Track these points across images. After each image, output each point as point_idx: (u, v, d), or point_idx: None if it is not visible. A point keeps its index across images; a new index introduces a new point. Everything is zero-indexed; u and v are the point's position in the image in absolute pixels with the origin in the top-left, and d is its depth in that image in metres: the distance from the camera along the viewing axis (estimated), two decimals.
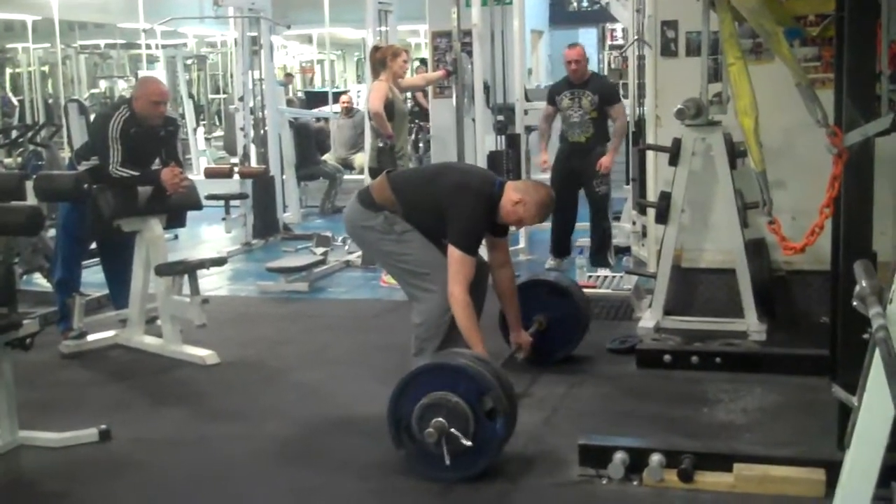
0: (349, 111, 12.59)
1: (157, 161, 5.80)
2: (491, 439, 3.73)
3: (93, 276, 6.79)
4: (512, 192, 4.52)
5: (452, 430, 3.64)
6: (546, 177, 7.53)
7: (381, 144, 7.08)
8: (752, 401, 4.58)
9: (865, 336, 2.34)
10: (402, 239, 4.54)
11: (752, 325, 5.47)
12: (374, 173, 7.09)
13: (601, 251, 7.35)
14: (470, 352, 4.09)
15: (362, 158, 12.26)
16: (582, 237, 7.82)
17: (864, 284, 2.26)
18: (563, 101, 7.37)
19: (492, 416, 3.70)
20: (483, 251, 4.73)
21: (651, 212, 6.01)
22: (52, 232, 6.63)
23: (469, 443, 3.65)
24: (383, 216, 4.54)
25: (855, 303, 2.27)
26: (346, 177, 12.05)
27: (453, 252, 4.36)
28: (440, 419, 3.65)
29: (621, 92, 8.49)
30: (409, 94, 11.85)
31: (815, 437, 3.97)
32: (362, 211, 4.63)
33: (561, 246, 7.54)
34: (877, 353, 2.19)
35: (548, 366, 5.13)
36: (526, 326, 4.98)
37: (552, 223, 7.44)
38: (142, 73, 14.72)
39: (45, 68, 18.66)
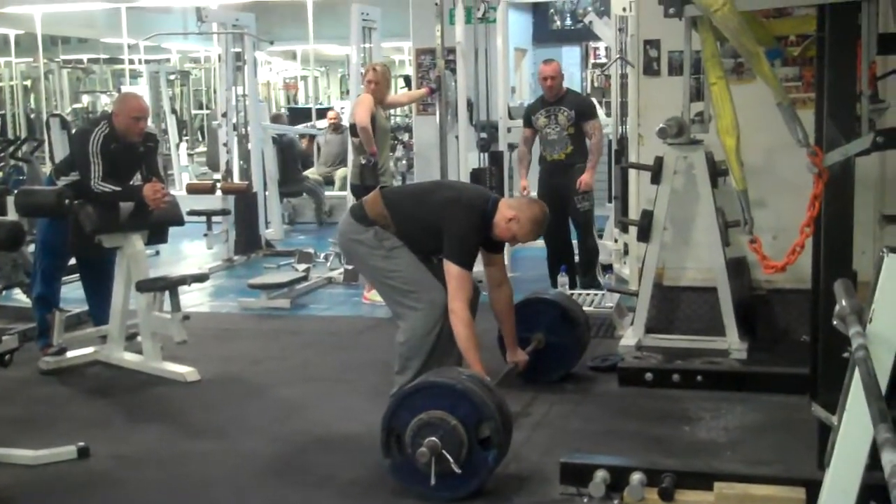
0: (337, 128, 12.61)
1: (138, 177, 5.78)
2: (480, 468, 3.71)
3: (73, 292, 6.75)
4: (505, 209, 4.53)
5: (444, 452, 3.63)
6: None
7: (363, 161, 7.06)
8: (733, 419, 4.59)
9: (845, 355, 2.35)
10: (390, 255, 4.54)
11: (733, 343, 5.49)
12: (355, 190, 7.08)
13: (589, 271, 7.21)
14: (475, 374, 4.05)
15: (343, 173, 12.32)
16: None
17: (844, 304, 2.27)
18: (539, 119, 7.22)
19: (486, 446, 3.70)
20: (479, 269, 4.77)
21: (633, 230, 6.03)
22: (32, 247, 6.58)
23: (459, 470, 3.64)
24: (374, 231, 4.55)
25: (835, 322, 2.27)
26: (326, 193, 12.09)
27: (450, 268, 4.38)
28: (435, 439, 3.63)
29: (602, 110, 8.52)
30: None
31: (796, 456, 3.98)
32: (354, 224, 4.64)
33: (557, 267, 7.18)
34: (856, 372, 2.19)
35: (542, 384, 5.13)
36: (525, 344, 4.99)
37: (546, 246, 7.35)
38: (125, 89, 14.68)
39: (28, 83, 18.61)
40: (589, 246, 7.30)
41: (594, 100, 8.77)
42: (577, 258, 7.41)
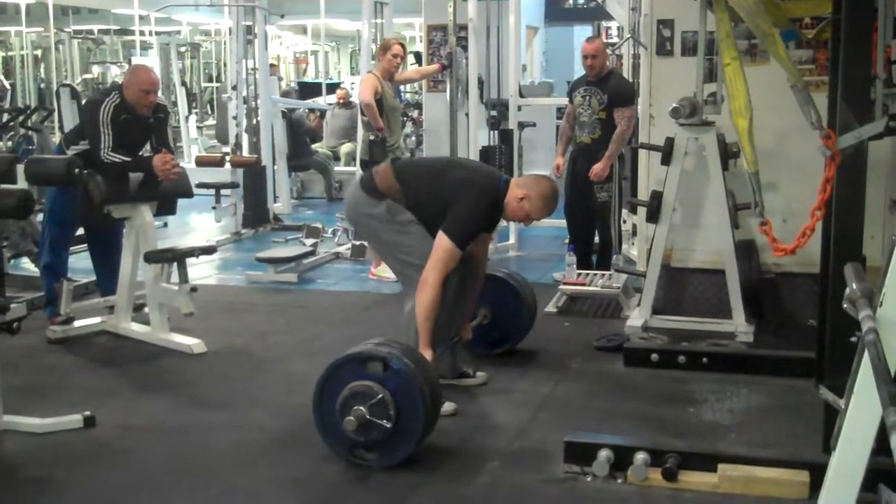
0: (347, 105, 12.59)
1: (148, 147, 5.78)
2: (407, 439, 3.81)
3: (80, 262, 6.76)
4: (516, 189, 4.51)
5: (372, 419, 3.75)
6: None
7: (372, 137, 7.08)
8: (738, 402, 4.59)
9: (853, 339, 2.34)
10: (404, 230, 4.51)
11: (739, 326, 5.48)
12: (365, 166, 7.08)
13: (605, 258, 7.01)
14: (409, 348, 4.08)
15: (348, 148, 12.32)
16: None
17: (854, 287, 2.26)
18: (577, 97, 6.97)
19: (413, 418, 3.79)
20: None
21: (642, 210, 6.01)
22: (41, 216, 6.59)
23: (389, 425, 3.75)
24: (386, 205, 4.51)
25: (845, 305, 2.27)
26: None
27: (443, 239, 4.33)
28: (362, 408, 3.75)
29: None
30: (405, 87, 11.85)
31: (800, 439, 3.99)
32: (365, 198, 4.60)
33: (583, 249, 7.09)
34: (865, 356, 2.19)
35: (549, 364, 5.18)
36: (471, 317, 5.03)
37: (568, 227, 7.27)
38: (135, 60, 14.66)
39: (38, 52, 18.60)
40: (604, 239, 7.08)
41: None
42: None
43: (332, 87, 14.39)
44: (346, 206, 4.91)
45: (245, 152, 9.80)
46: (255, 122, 10.03)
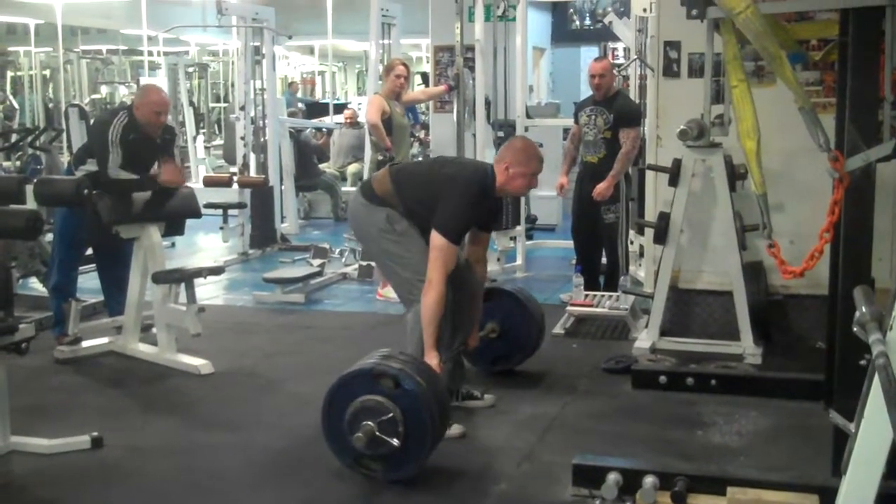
0: (353, 124, 12.63)
1: (155, 168, 5.79)
2: (415, 454, 3.82)
3: (89, 282, 6.77)
4: (499, 165, 4.53)
5: (380, 435, 3.77)
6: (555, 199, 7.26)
7: (380, 157, 7.11)
8: (747, 424, 4.57)
9: (863, 362, 2.33)
10: (401, 240, 4.50)
11: (747, 348, 5.46)
12: None
13: (612, 279, 7.01)
14: (419, 361, 4.10)
15: (355, 168, 12.34)
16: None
17: (864, 310, 2.26)
18: (582, 117, 6.97)
19: (421, 433, 3.81)
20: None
21: (649, 232, 6.01)
22: (49, 236, 6.61)
23: (397, 443, 3.77)
24: (386, 214, 4.51)
25: (855, 329, 2.26)
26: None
27: (436, 239, 4.33)
28: (371, 423, 3.77)
29: None
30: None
31: (810, 463, 3.97)
32: (365, 204, 4.61)
33: (590, 270, 7.00)
34: (876, 379, 2.18)
35: (557, 385, 5.18)
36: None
37: (575, 248, 7.24)
38: (143, 80, 14.71)
39: (47, 72, 18.66)
40: (612, 260, 7.04)
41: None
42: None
43: (339, 108, 14.40)
44: (348, 213, 4.93)
45: (252, 172, 9.82)
46: (262, 140, 10.03)
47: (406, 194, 4.54)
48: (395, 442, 3.76)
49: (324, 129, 13.33)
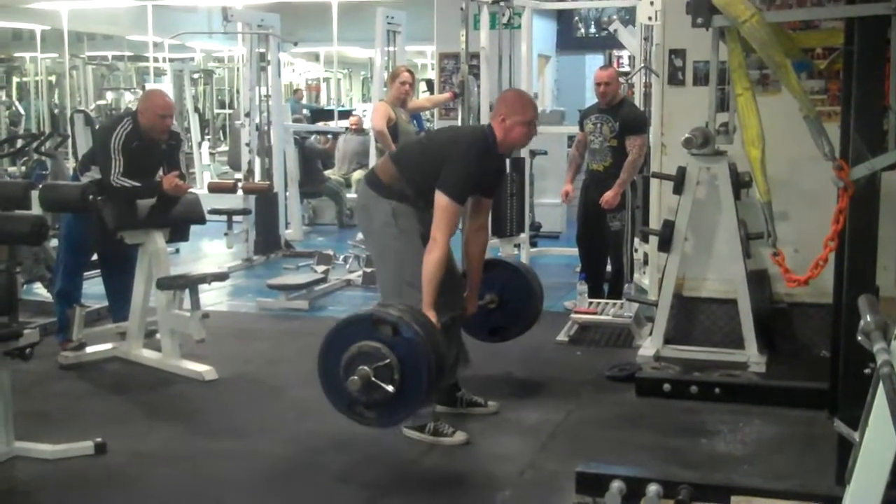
0: (359, 132, 12.64)
1: (161, 174, 5.79)
2: (411, 399, 3.82)
3: (93, 288, 6.78)
4: (495, 121, 4.51)
5: (376, 380, 3.75)
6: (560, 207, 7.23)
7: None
8: (751, 433, 4.56)
9: (867, 371, 2.33)
10: (400, 237, 4.45)
11: (752, 356, 5.46)
12: None
13: (616, 287, 6.99)
14: (417, 311, 4.06)
15: (360, 175, 12.33)
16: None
17: (868, 319, 2.25)
18: (588, 125, 6.97)
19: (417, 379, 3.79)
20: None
21: (654, 239, 6.01)
22: (54, 242, 6.62)
23: (391, 389, 3.75)
24: (392, 208, 4.46)
25: (860, 337, 2.26)
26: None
27: (440, 198, 4.30)
28: (366, 368, 3.75)
29: None
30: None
31: (814, 472, 3.96)
32: (371, 194, 4.57)
33: (595, 278, 7.01)
34: (880, 388, 2.18)
35: (558, 392, 5.12)
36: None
37: (580, 256, 7.25)
38: (149, 86, 14.75)
39: (53, 78, 18.72)
40: (616, 267, 7.05)
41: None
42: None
43: (345, 115, 14.41)
44: (356, 205, 4.93)
45: (257, 177, 9.83)
46: (267, 146, 10.04)
47: (410, 172, 4.51)
48: (390, 388, 3.73)
49: (329, 136, 13.32)
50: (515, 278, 5.24)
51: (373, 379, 3.73)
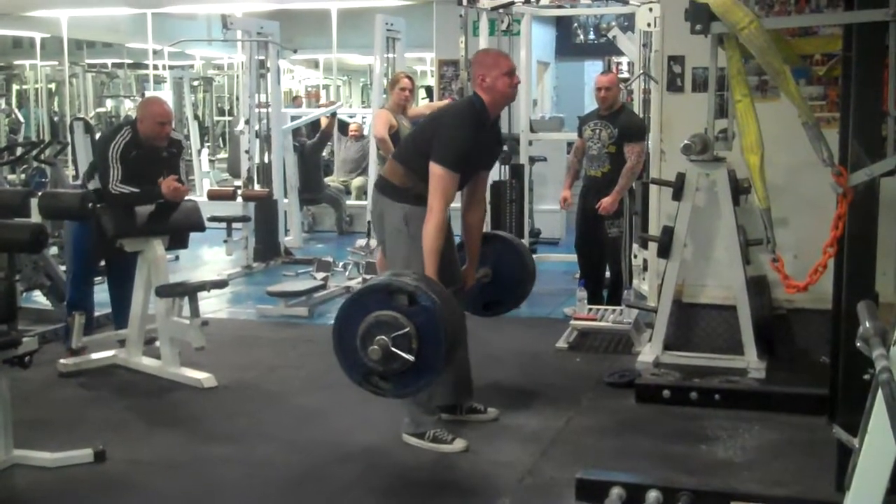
0: (359, 138, 12.62)
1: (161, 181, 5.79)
2: (429, 367, 3.80)
3: (95, 295, 6.76)
4: (477, 86, 4.49)
5: (395, 349, 3.73)
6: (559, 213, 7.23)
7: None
8: (751, 439, 4.56)
9: (867, 377, 2.33)
10: (410, 244, 4.42)
11: (751, 362, 5.45)
12: None
13: (615, 294, 7.00)
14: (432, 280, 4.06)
15: (360, 182, 12.34)
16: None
17: (867, 325, 2.25)
18: (587, 131, 6.99)
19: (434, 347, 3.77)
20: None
21: (653, 246, 6.01)
22: (53, 250, 6.62)
23: (412, 358, 3.73)
24: (403, 213, 4.44)
25: (858, 343, 2.26)
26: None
27: (434, 168, 4.29)
28: (384, 337, 3.72)
29: None
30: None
31: (813, 478, 3.96)
32: (385, 201, 4.55)
33: (594, 284, 7.00)
34: (879, 394, 2.18)
35: (561, 399, 5.11)
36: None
37: (579, 262, 7.26)
38: (148, 94, 14.75)
39: (52, 86, 18.73)
40: (615, 273, 7.05)
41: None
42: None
43: (344, 127, 14.37)
44: (371, 214, 4.93)
45: (257, 186, 9.83)
46: (267, 155, 10.02)
47: (412, 163, 4.46)
48: (410, 357, 3.71)
49: (328, 115, 12.98)
50: (508, 252, 5.23)
51: (392, 348, 3.71)
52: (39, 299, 7.33)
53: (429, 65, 17.77)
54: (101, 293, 6.53)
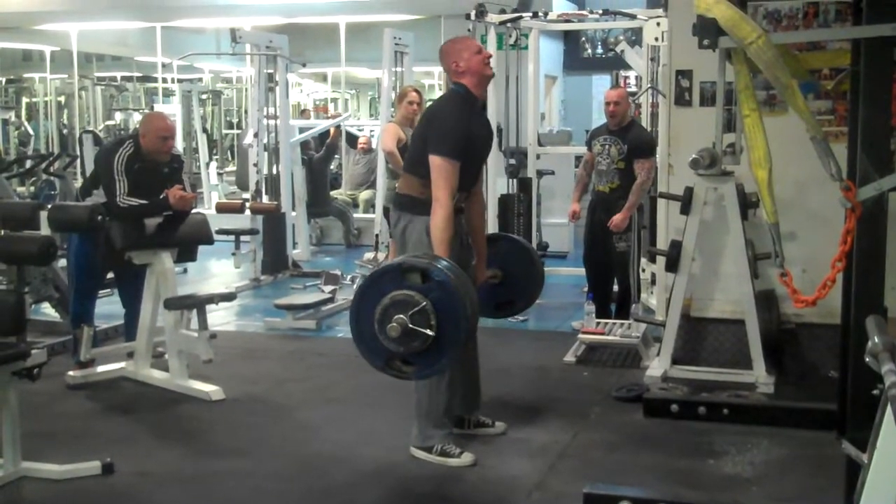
0: (367, 152, 12.63)
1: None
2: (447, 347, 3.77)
3: (104, 307, 6.78)
4: (456, 77, 4.51)
5: (414, 327, 3.71)
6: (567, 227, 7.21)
7: (397, 185, 7.14)
8: (759, 454, 4.55)
9: (875, 392, 2.32)
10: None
11: (760, 377, 5.44)
12: (388, 213, 7.12)
13: (623, 308, 7.02)
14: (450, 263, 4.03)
15: (367, 195, 12.36)
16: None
17: (876, 340, 2.25)
18: (596, 146, 6.99)
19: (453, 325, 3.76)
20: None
21: (661, 260, 6.00)
22: (62, 262, 6.63)
23: (432, 333, 3.70)
24: (424, 226, 4.39)
25: (867, 358, 2.26)
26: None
27: (433, 160, 4.29)
28: (403, 316, 3.70)
29: None
30: None
31: (822, 493, 3.95)
32: (406, 217, 4.54)
33: (602, 298, 7.02)
34: (888, 409, 2.17)
35: (564, 412, 5.09)
36: None
37: (587, 276, 7.25)
38: (157, 107, 14.81)
39: (62, 99, 18.78)
40: (623, 287, 7.05)
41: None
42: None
43: (350, 137, 14.40)
44: (392, 234, 4.90)
45: (265, 199, 9.85)
46: (275, 168, 10.04)
47: (422, 170, 4.42)
48: (430, 332, 3.69)
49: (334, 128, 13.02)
50: (515, 251, 5.23)
51: (410, 326, 3.69)
52: (48, 311, 7.35)
53: (437, 79, 17.79)
54: (106, 305, 6.55)
